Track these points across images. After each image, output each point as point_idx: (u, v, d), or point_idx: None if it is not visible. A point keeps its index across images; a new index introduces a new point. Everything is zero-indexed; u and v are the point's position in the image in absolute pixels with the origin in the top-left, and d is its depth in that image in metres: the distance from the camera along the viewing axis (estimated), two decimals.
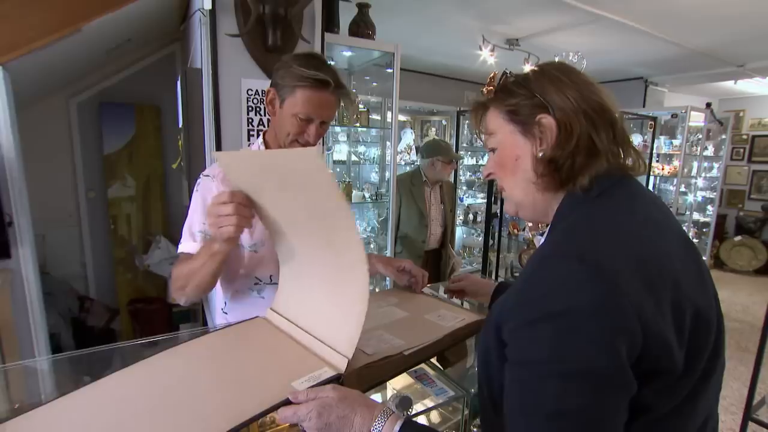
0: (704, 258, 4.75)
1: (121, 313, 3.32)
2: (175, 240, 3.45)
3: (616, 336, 0.50)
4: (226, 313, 1.22)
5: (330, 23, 1.94)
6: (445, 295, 1.27)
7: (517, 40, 3.26)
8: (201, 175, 1.13)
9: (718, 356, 0.63)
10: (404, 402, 0.65)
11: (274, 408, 0.62)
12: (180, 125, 2.05)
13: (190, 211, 1.12)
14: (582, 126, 0.62)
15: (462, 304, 1.28)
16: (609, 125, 0.63)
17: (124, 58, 3.23)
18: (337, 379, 0.70)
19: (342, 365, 0.72)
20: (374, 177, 3.33)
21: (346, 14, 2.22)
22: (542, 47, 3.32)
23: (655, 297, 0.53)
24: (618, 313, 0.50)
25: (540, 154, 0.64)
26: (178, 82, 1.77)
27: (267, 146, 1.18)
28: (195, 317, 3.27)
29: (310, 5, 1.68)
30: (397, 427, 0.59)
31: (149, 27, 2.89)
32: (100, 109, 3.19)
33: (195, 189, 1.13)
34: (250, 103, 1.67)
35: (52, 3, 1.98)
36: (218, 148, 1.63)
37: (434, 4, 2.56)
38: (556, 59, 2.96)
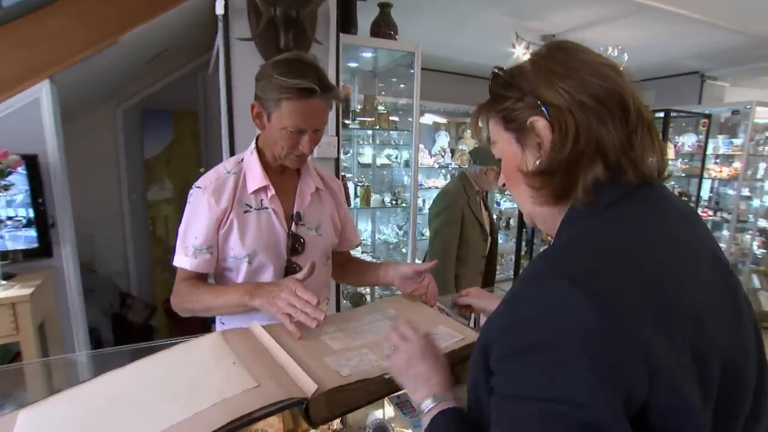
0: None
1: (158, 311, 3.48)
2: None
3: (611, 376, 0.41)
4: (223, 324, 1.21)
5: (347, 24, 1.91)
6: (454, 310, 1.18)
7: (553, 35, 3.08)
8: (193, 186, 1.11)
9: (758, 421, 0.51)
10: (379, 430, 0.59)
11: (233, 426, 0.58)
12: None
13: (183, 222, 1.10)
14: (580, 122, 0.51)
15: (475, 320, 1.19)
16: (620, 112, 0.51)
17: (164, 66, 3.39)
18: (299, 404, 0.65)
19: (309, 389, 0.67)
20: (406, 180, 3.27)
21: (369, 15, 2.19)
22: (582, 42, 3.11)
23: (668, 333, 0.43)
24: (615, 349, 0.41)
25: (537, 162, 0.54)
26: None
27: (260, 153, 1.14)
28: None
29: (323, 6, 1.65)
30: (430, 416, 0.59)
31: (184, 37, 3.00)
32: (142, 116, 3.37)
33: (188, 200, 1.11)
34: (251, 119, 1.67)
35: (92, 18, 2.10)
36: (231, 152, 1.64)
37: (460, 1, 2.46)
38: None
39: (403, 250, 3.13)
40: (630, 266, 0.46)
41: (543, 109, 0.53)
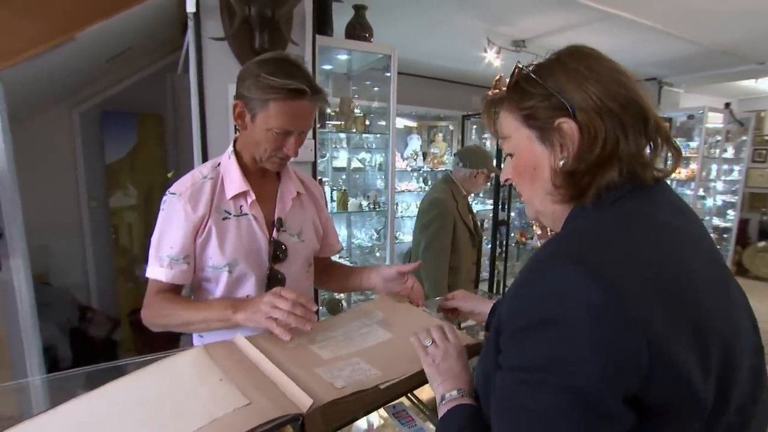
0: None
1: (122, 324, 3.29)
2: None
3: (611, 350, 0.43)
4: (201, 336, 1.14)
5: (323, 25, 1.87)
6: (439, 314, 1.17)
7: (523, 41, 3.16)
8: (167, 193, 1.05)
9: (760, 398, 0.53)
10: None
11: None
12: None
13: (156, 231, 1.04)
14: (608, 128, 0.52)
15: (459, 325, 1.18)
16: (640, 122, 0.54)
17: (127, 66, 3.22)
18: (294, 421, 0.61)
19: (305, 404, 0.63)
20: (380, 184, 3.25)
21: (343, 17, 2.16)
22: (551, 48, 3.17)
23: (668, 314, 0.45)
24: (616, 324, 0.43)
25: (561, 163, 0.55)
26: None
27: (238, 157, 1.09)
28: None
29: (299, 6, 1.61)
30: (450, 405, 0.62)
31: (149, 35, 2.87)
32: (102, 118, 3.19)
33: (161, 207, 1.04)
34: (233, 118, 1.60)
35: (45, 12, 1.96)
36: (204, 156, 1.57)
37: (434, 5, 2.48)
38: None
39: (378, 254, 3.11)
40: (629, 250, 0.48)
41: (570, 110, 0.53)
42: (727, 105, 4.33)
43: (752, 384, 0.52)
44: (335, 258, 1.45)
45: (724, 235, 4.76)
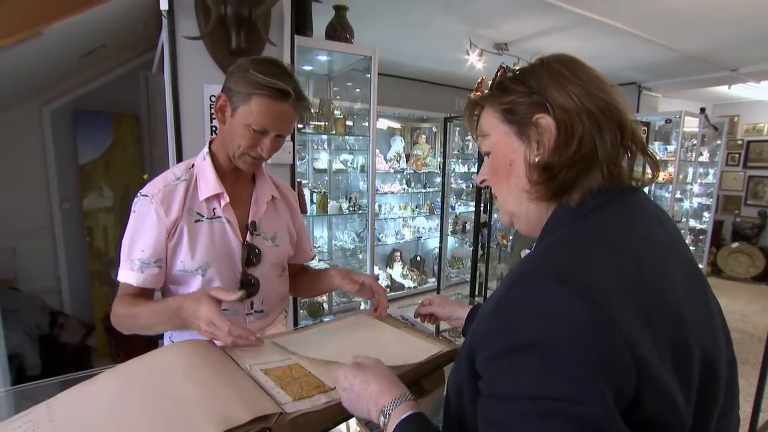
0: (701, 266, 4.65)
1: (97, 329, 3.19)
2: None
3: (603, 372, 0.41)
4: (173, 341, 1.11)
5: (302, 25, 1.84)
6: (417, 319, 1.16)
7: (506, 44, 3.18)
8: (138, 194, 1.02)
9: (731, 411, 0.53)
10: None
11: None
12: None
13: (127, 234, 1.01)
14: (585, 127, 0.54)
15: (437, 330, 1.17)
16: (617, 127, 0.55)
17: (100, 64, 3.13)
18: None
19: (272, 415, 0.61)
20: (363, 186, 3.24)
21: (323, 17, 2.14)
22: (533, 52, 3.20)
23: (651, 331, 0.44)
24: (605, 345, 0.42)
25: (536, 159, 0.56)
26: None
27: (213, 157, 1.07)
28: None
29: (277, 6, 1.58)
30: (404, 415, 0.57)
31: (124, 33, 2.79)
32: (75, 117, 3.09)
33: (132, 209, 1.02)
34: (213, 111, 1.56)
35: (7, 4, 1.87)
36: (179, 158, 1.52)
37: (416, 7, 2.47)
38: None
39: (360, 256, 3.09)
40: (613, 266, 0.47)
41: (549, 107, 0.54)
42: (703, 110, 4.44)
43: (724, 398, 0.52)
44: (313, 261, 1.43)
45: (700, 237, 4.88)
